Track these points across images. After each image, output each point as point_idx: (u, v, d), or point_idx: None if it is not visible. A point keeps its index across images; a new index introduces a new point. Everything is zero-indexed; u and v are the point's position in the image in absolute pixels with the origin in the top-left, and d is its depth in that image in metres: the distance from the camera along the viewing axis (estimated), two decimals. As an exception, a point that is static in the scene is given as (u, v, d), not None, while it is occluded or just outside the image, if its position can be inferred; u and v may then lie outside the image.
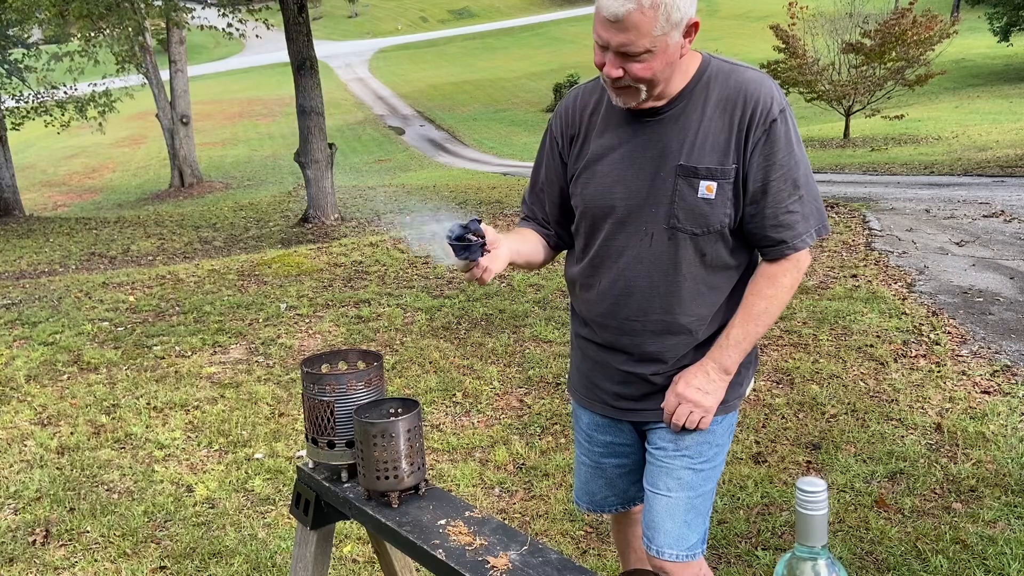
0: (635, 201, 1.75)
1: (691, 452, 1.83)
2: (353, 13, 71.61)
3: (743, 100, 1.68)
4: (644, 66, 1.61)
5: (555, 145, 1.90)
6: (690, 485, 1.83)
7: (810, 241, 1.74)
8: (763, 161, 1.68)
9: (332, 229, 11.48)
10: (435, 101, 36.47)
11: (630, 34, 1.57)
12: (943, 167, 12.82)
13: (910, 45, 17.10)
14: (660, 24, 1.56)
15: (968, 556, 2.80)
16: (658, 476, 1.85)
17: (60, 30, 20.63)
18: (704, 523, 1.88)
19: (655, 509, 1.85)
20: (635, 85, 1.65)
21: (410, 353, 5.19)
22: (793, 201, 1.70)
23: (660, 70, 1.63)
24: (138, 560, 3.08)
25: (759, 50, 25.75)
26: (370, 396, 1.68)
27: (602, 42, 1.62)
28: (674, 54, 1.62)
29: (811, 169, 1.75)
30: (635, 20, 1.55)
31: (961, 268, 6.40)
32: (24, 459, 3.98)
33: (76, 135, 28.32)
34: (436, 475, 3.62)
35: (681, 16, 1.57)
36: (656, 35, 1.57)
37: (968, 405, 3.99)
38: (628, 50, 1.59)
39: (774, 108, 1.68)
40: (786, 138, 1.68)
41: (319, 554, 1.83)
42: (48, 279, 8.70)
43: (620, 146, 1.77)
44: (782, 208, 1.70)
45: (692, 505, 1.84)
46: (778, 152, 1.68)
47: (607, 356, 1.88)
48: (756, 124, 1.67)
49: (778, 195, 1.70)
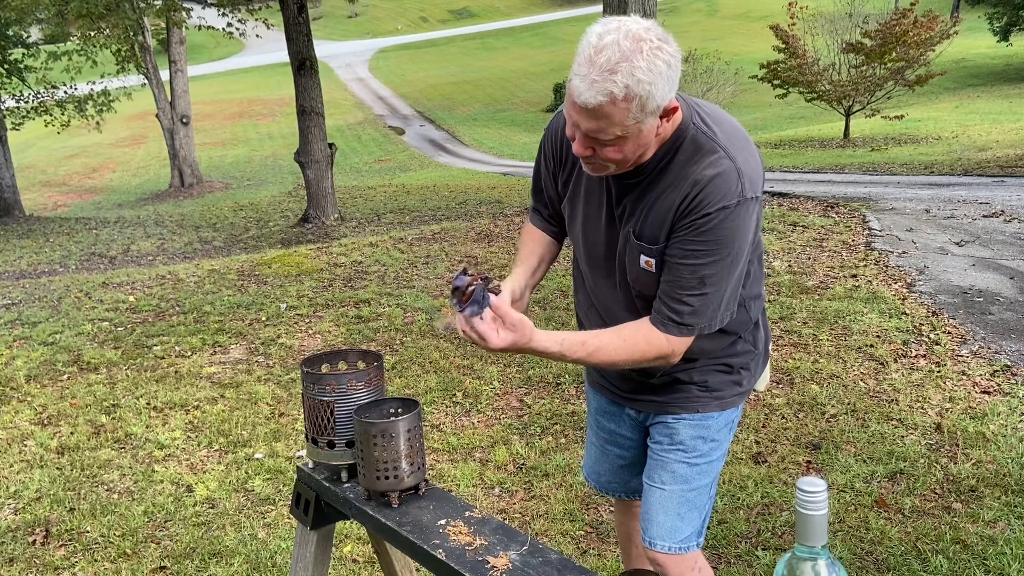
0: (602, 251, 1.79)
1: (686, 447, 1.86)
2: (353, 13, 71.59)
3: (694, 188, 1.60)
4: (615, 149, 1.57)
5: (547, 162, 1.90)
6: (684, 479, 1.85)
7: (687, 335, 1.68)
8: (681, 242, 1.62)
9: (332, 229, 11.48)
10: (435, 101, 36.47)
11: (601, 122, 1.51)
12: (943, 167, 12.82)
13: (910, 46, 17.09)
14: (633, 114, 1.50)
15: (968, 556, 2.80)
16: (654, 469, 1.89)
17: (59, 29, 20.63)
18: (700, 517, 1.89)
19: (649, 501, 1.88)
20: (603, 163, 1.62)
21: (410, 353, 5.19)
22: (691, 294, 1.64)
23: (631, 152, 1.58)
24: (138, 560, 3.08)
25: (759, 50, 25.74)
26: (370, 396, 1.68)
27: (573, 122, 1.56)
28: (648, 136, 1.57)
29: (736, 269, 1.64)
30: (607, 111, 1.49)
31: (961, 268, 6.40)
32: (24, 459, 3.98)
33: (76, 135, 28.32)
34: (436, 475, 3.62)
35: (657, 104, 1.51)
36: (629, 124, 1.52)
37: (968, 405, 3.99)
38: (599, 136, 1.54)
39: (714, 202, 1.58)
40: (714, 234, 1.59)
41: (319, 554, 1.83)
42: (48, 279, 8.70)
43: (600, 198, 1.77)
44: (676, 294, 1.65)
45: (686, 499, 1.86)
46: (697, 244, 1.60)
47: None
48: (692, 211, 1.60)
49: (678, 280, 1.64)
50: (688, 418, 1.86)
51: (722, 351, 1.84)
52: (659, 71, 1.47)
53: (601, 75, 1.46)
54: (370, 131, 31.59)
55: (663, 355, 1.69)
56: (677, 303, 1.65)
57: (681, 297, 1.64)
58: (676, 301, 1.65)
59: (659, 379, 1.86)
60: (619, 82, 1.45)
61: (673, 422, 1.87)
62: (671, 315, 1.66)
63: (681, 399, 1.86)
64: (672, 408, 1.87)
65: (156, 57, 20.82)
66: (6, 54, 16.22)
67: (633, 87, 1.46)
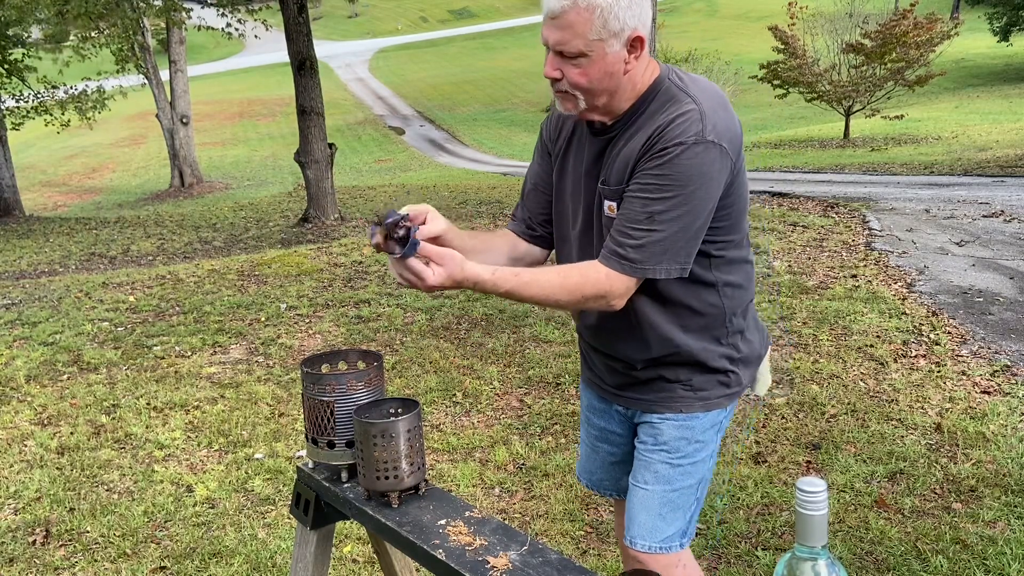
0: (585, 217, 1.79)
1: (669, 447, 1.85)
2: (353, 13, 71.59)
3: (657, 129, 1.62)
4: (580, 71, 1.61)
5: (545, 146, 1.93)
6: (666, 479, 1.85)
7: (632, 273, 1.64)
8: (638, 177, 1.62)
9: (332, 229, 11.48)
10: (435, 101, 36.47)
11: (565, 32, 1.58)
12: (943, 167, 12.82)
13: (910, 47, 17.09)
14: (595, 28, 1.56)
15: (968, 556, 2.80)
16: (638, 469, 1.89)
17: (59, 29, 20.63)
18: (684, 517, 1.88)
19: (632, 501, 1.89)
20: (572, 91, 1.65)
21: (410, 353, 5.19)
22: (639, 228, 1.61)
23: (597, 79, 1.62)
24: (138, 560, 3.08)
25: (759, 50, 25.74)
26: (370, 396, 1.68)
27: (544, 40, 1.63)
28: (613, 65, 1.61)
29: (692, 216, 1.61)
30: (571, 19, 1.56)
31: (961, 268, 6.40)
32: (24, 459, 3.98)
33: (76, 135, 28.32)
34: (436, 475, 3.62)
35: (620, 26, 1.57)
36: (591, 39, 1.57)
37: (968, 405, 3.99)
38: (564, 49, 1.60)
39: (675, 137, 1.59)
40: (673, 168, 1.58)
41: (319, 554, 1.83)
42: (48, 279, 8.70)
43: (579, 164, 1.80)
44: (625, 227, 1.63)
45: (668, 499, 1.85)
46: (654, 177, 1.60)
47: (590, 349, 1.98)
48: (651, 147, 1.61)
49: (630, 213, 1.63)
50: (672, 418, 1.85)
51: (701, 350, 1.81)
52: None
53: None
54: (370, 131, 31.59)
55: (601, 292, 1.65)
56: (622, 236, 1.64)
57: (627, 230, 1.63)
58: (622, 234, 1.64)
59: (643, 372, 1.85)
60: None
61: (658, 422, 1.86)
62: (615, 247, 1.65)
63: (666, 398, 1.85)
64: (657, 407, 1.87)
65: (156, 57, 20.82)
66: (6, 54, 16.22)
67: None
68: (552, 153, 1.91)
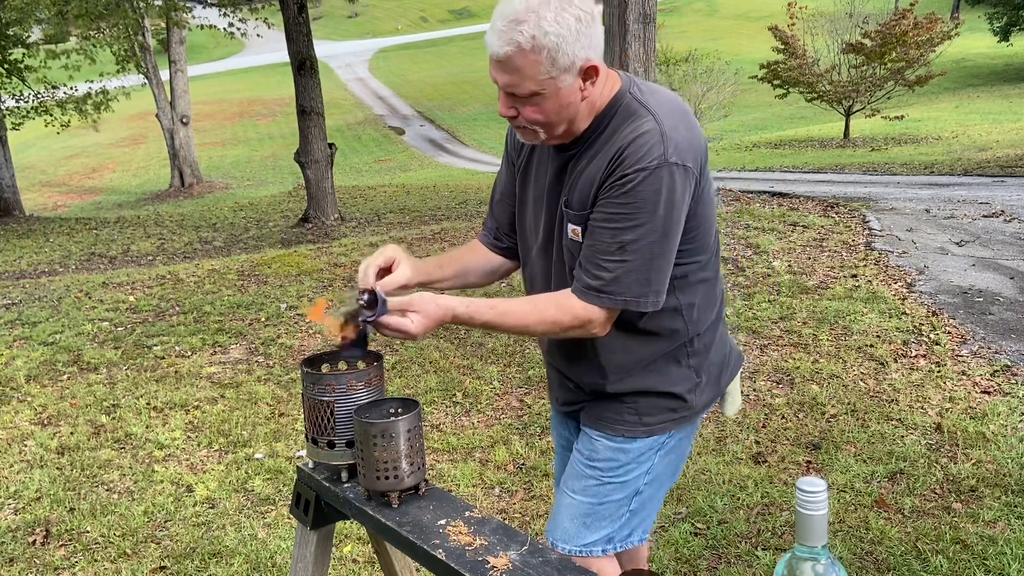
0: (545, 235, 1.76)
1: (602, 467, 1.83)
2: (353, 13, 71.59)
3: (618, 150, 1.58)
4: (535, 108, 1.56)
5: (510, 154, 1.88)
6: (594, 494, 1.83)
7: (607, 304, 1.61)
8: (603, 207, 1.58)
9: (332, 229, 11.48)
10: (435, 101, 36.47)
11: (514, 76, 1.52)
12: (943, 167, 12.82)
13: (910, 46, 17.10)
14: (545, 68, 1.50)
15: (968, 556, 2.80)
16: (571, 476, 1.88)
17: (59, 29, 20.62)
18: (612, 526, 1.84)
19: (560, 503, 1.89)
20: (530, 126, 1.61)
21: (410, 353, 5.19)
22: (610, 260, 1.58)
23: (554, 112, 1.57)
24: (138, 560, 3.08)
25: (759, 50, 25.75)
26: (370, 396, 1.68)
27: (492, 79, 1.57)
28: (568, 97, 1.55)
29: (662, 242, 1.58)
30: (517, 63, 1.50)
31: (961, 268, 6.40)
32: (24, 459, 3.98)
33: (76, 135, 28.32)
34: (436, 475, 3.62)
35: (570, 60, 1.50)
36: (542, 79, 1.51)
37: (968, 405, 3.99)
38: (515, 91, 1.54)
39: (635, 163, 1.54)
40: (636, 197, 1.55)
41: (319, 554, 1.82)
42: (48, 279, 8.70)
43: (542, 177, 1.75)
44: (595, 258, 1.59)
45: (594, 511, 1.84)
46: (619, 207, 1.56)
47: (547, 365, 1.98)
48: (613, 174, 1.57)
49: (599, 244, 1.59)
50: (610, 439, 1.81)
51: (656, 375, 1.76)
52: (567, 25, 1.48)
53: (507, 25, 1.48)
54: (370, 131, 31.59)
55: (580, 322, 1.62)
56: (597, 268, 1.60)
57: (600, 262, 1.59)
58: (596, 267, 1.60)
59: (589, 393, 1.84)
60: (525, 32, 1.47)
61: (597, 438, 1.83)
62: (589, 280, 1.60)
63: (609, 418, 1.80)
64: (599, 425, 1.83)
65: (156, 57, 20.82)
66: (6, 54, 16.22)
67: (540, 38, 1.47)
68: (515, 164, 1.86)
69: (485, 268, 1.95)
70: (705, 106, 23.95)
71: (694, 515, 3.17)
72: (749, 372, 4.56)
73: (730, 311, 5.49)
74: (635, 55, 6.14)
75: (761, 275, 6.26)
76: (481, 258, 1.95)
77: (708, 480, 3.42)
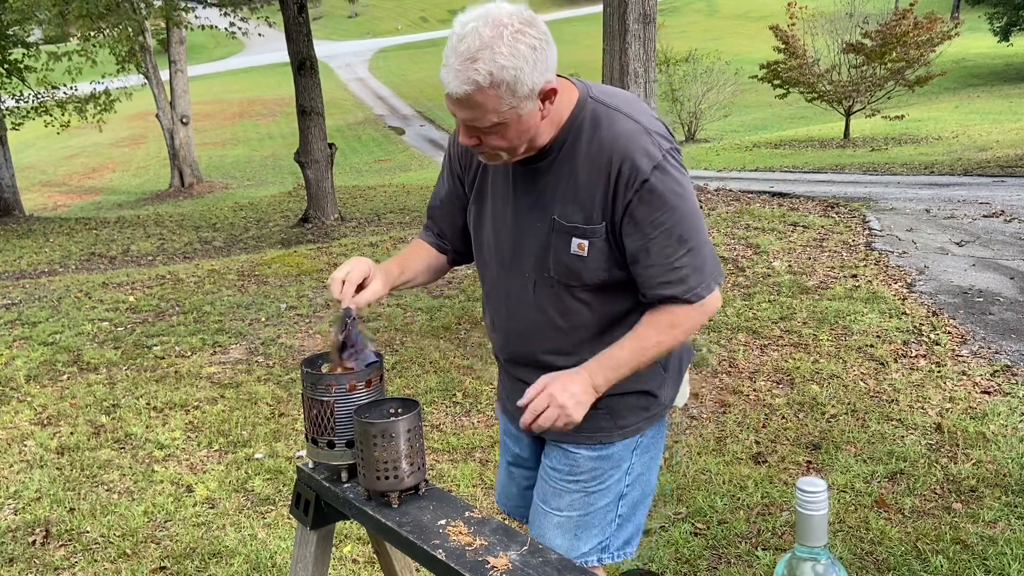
0: (516, 249, 1.72)
1: (584, 478, 1.81)
2: (353, 13, 71.61)
3: (611, 156, 1.58)
4: (498, 136, 1.55)
5: (455, 165, 1.84)
6: (580, 506, 1.82)
7: (705, 293, 1.64)
8: (641, 222, 1.59)
9: (332, 229, 11.48)
10: (435, 101, 36.43)
11: (475, 111, 1.50)
12: (943, 167, 12.82)
13: (910, 46, 17.10)
14: (505, 100, 1.48)
15: (968, 556, 2.80)
16: (551, 495, 1.84)
17: (60, 30, 20.62)
18: (602, 534, 1.83)
19: (545, 525, 1.84)
20: (493, 152, 1.60)
21: (410, 353, 5.18)
22: (680, 256, 1.60)
23: (516, 137, 1.56)
24: (138, 560, 3.08)
25: (759, 50, 25.74)
26: (370, 396, 1.68)
27: (452, 113, 1.55)
28: (530, 120, 1.54)
29: (701, 218, 1.64)
30: (477, 100, 1.48)
31: (961, 268, 6.40)
32: (24, 459, 3.98)
33: (76, 135, 28.32)
34: (436, 475, 3.62)
35: (530, 88, 1.49)
36: (503, 110, 1.49)
37: (968, 405, 3.99)
38: (477, 125, 1.53)
39: (645, 167, 1.56)
40: (664, 195, 1.58)
41: (319, 554, 1.82)
42: (48, 279, 8.70)
43: (505, 191, 1.72)
44: (667, 266, 1.61)
45: (584, 522, 1.82)
46: (655, 211, 1.58)
47: (510, 378, 1.91)
48: (628, 185, 1.57)
49: (661, 253, 1.60)
50: (588, 449, 1.80)
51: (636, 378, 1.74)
52: (523, 55, 1.46)
53: (463, 64, 1.45)
54: (370, 131, 31.58)
55: (705, 317, 1.67)
56: (671, 272, 1.61)
57: (674, 265, 1.61)
58: (673, 272, 1.61)
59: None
60: (481, 70, 1.44)
61: (574, 450, 1.80)
62: (676, 291, 1.62)
63: (586, 427, 1.75)
64: (575, 437, 1.79)
65: (156, 57, 20.81)
66: (6, 54, 16.21)
67: (497, 73, 1.45)
68: (462, 177, 1.83)
69: (434, 266, 1.94)
70: (705, 106, 23.93)
71: (694, 515, 3.17)
72: (749, 372, 4.56)
73: (730, 311, 5.49)
74: (635, 55, 6.14)
75: (761, 275, 6.26)
76: (432, 258, 1.94)
77: (708, 480, 3.42)
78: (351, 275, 1.71)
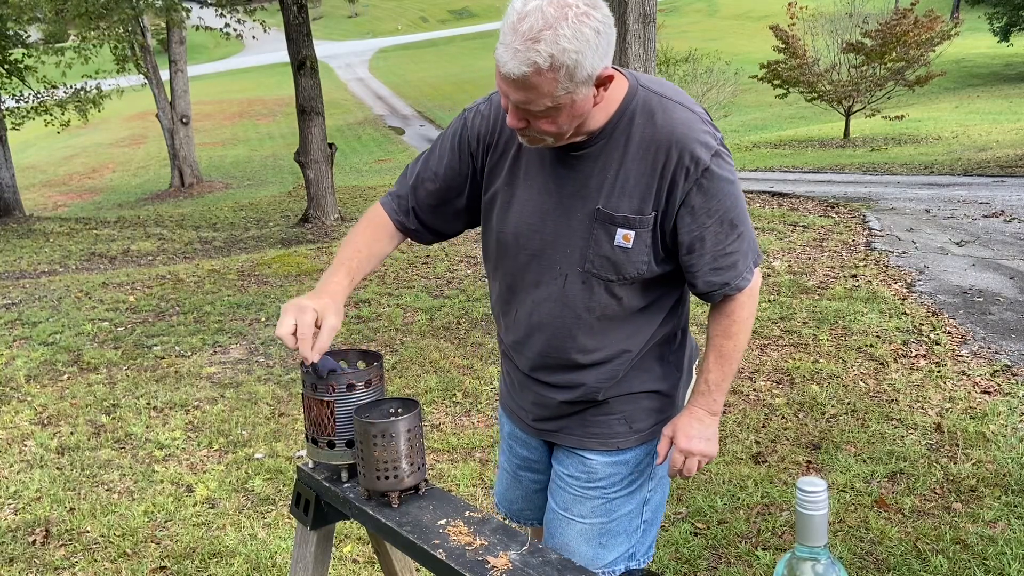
0: (550, 239, 1.65)
1: (604, 484, 1.78)
2: (353, 13, 71.59)
3: (670, 146, 1.54)
4: (548, 120, 1.48)
5: (466, 143, 1.72)
6: (605, 512, 1.79)
7: (749, 277, 1.67)
8: (698, 211, 1.58)
9: (332, 229, 11.48)
10: (435, 101, 36.45)
11: (529, 94, 1.43)
12: (943, 167, 12.82)
13: (910, 46, 17.09)
14: (563, 84, 1.41)
15: (968, 556, 2.80)
16: (572, 502, 1.80)
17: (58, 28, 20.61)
18: (629, 540, 1.81)
19: (568, 533, 1.81)
20: (539, 136, 1.53)
21: (410, 353, 5.18)
22: (732, 241, 1.62)
23: (567, 122, 1.50)
24: (138, 560, 3.08)
25: (759, 50, 25.73)
26: (370, 396, 1.68)
27: (503, 92, 1.48)
28: (583, 106, 1.48)
29: (743, 200, 1.66)
30: (533, 82, 1.40)
31: (961, 268, 6.40)
32: (24, 459, 3.98)
33: (76, 135, 28.32)
34: (436, 475, 3.62)
35: (588, 74, 1.42)
36: (559, 95, 1.43)
37: (968, 405, 3.99)
38: (529, 108, 1.46)
39: (704, 156, 1.54)
40: (721, 183, 1.58)
41: (319, 554, 1.82)
42: (48, 279, 8.70)
43: (542, 177, 1.64)
44: (721, 251, 1.62)
45: (608, 528, 1.79)
46: (713, 199, 1.58)
47: (524, 379, 1.83)
48: (687, 176, 1.55)
49: (717, 239, 1.61)
50: (603, 455, 1.77)
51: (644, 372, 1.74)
52: (586, 38, 1.38)
53: (524, 44, 1.37)
54: (370, 131, 31.58)
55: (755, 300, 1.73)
56: (725, 258, 1.63)
57: (725, 251, 1.63)
58: (724, 257, 1.63)
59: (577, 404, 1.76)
60: (543, 51, 1.37)
61: (591, 458, 1.77)
62: (727, 277, 1.65)
63: (600, 434, 1.75)
64: (589, 442, 1.77)
65: (156, 57, 20.80)
66: (6, 54, 16.21)
67: (558, 56, 1.37)
68: (476, 156, 1.72)
69: (386, 252, 1.81)
70: (705, 106, 23.83)
71: (694, 515, 3.17)
72: (749, 372, 4.56)
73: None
74: (635, 55, 6.14)
75: (761, 275, 6.26)
76: (385, 241, 1.80)
77: (708, 480, 3.42)
78: (301, 330, 1.56)
